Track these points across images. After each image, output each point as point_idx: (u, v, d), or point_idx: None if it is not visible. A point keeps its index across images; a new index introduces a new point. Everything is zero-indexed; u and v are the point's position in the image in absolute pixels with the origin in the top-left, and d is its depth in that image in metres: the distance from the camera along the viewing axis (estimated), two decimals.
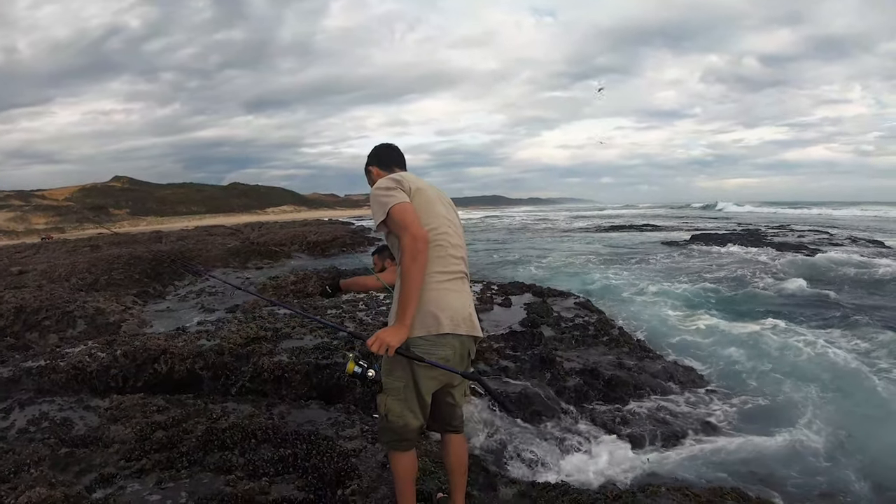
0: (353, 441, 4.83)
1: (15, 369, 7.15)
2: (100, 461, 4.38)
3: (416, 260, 2.97)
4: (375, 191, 3.23)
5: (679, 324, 10.94)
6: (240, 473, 4.17)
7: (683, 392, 7.33)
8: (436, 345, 3.11)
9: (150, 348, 7.09)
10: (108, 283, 16.26)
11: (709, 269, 17.97)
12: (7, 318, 11.81)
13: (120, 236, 39.06)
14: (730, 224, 45.47)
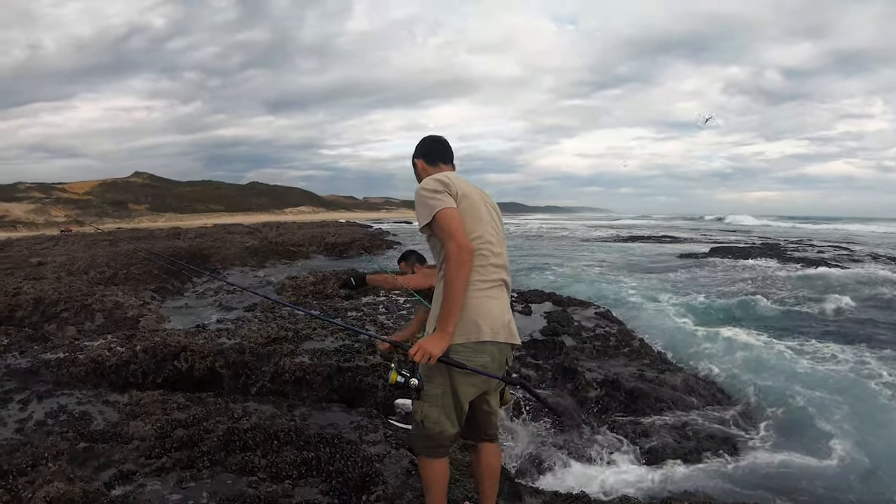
0: (377, 446, 4.72)
1: (34, 360, 7.10)
2: (119, 457, 4.29)
3: (461, 270, 2.94)
4: (422, 191, 3.17)
5: (699, 337, 10.78)
6: (262, 475, 4.08)
7: (704, 407, 7.26)
8: (476, 352, 3.06)
9: (170, 345, 7.03)
10: (127, 278, 16.26)
11: (729, 283, 17.75)
12: (26, 309, 11.82)
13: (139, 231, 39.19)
14: (749, 237, 45.08)
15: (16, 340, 8.32)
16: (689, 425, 6.62)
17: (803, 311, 13.44)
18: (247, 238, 32.75)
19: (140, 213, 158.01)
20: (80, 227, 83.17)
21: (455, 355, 3.03)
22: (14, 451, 4.34)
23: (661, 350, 9.34)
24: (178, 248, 23.28)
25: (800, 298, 14.76)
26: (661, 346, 9.88)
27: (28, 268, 18.97)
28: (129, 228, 54.64)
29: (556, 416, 6.12)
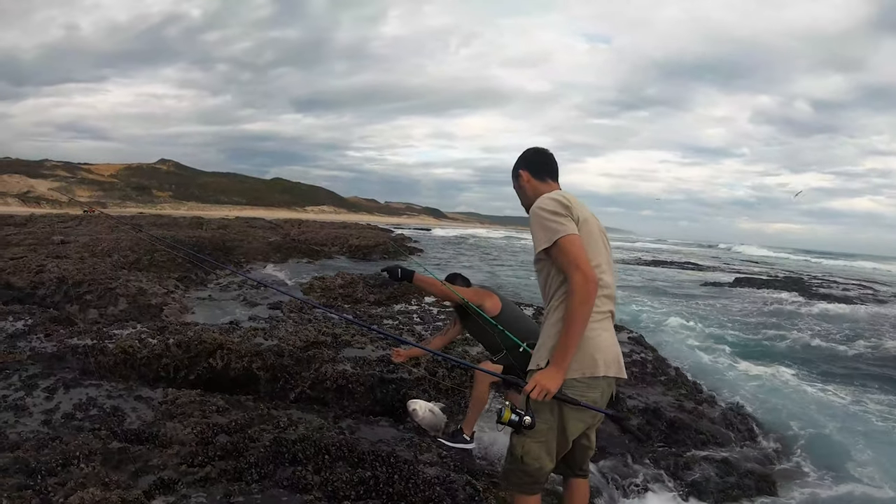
0: (434, 467, 4.38)
1: (60, 345, 6.83)
2: (158, 462, 3.94)
3: (586, 304, 2.82)
4: (540, 211, 3.02)
5: (729, 369, 10.53)
6: (318, 494, 3.72)
7: (741, 443, 6.99)
8: (589, 387, 2.96)
9: (205, 341, 6.73)
10: (150, 265, 16.06)
11: (755, 315, 17.44)
12: (48, 288, 11.60)
13: (162, 218, 39.12)
14: (772, 269, 44.69)
15: (40, 321, 8.01)
16: (727, 461, 6.33)
17: (833, 349, 13.06)
18: (269, 233, 32.61)
19: (163, 199, 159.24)
20: (103, 209, 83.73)
21: (569, 390, 2.92)
22: (42, 447, 4.02)
23: (695, 380, 9.01)
24: (201, 237, 23.10)
25: (829, 336, 14.39)
26: (690, 376, 9.57)
27: (51, 245, 18.81)
28: (151, 214, 54.56)
29: (638, 441, 6.13)
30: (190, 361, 6.55)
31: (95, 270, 12.69)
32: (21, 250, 17.06)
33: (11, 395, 5.16)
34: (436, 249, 40.23)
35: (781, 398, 8.89)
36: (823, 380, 10.07)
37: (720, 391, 9.06)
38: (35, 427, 4.55)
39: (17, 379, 5.54)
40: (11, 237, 21.14)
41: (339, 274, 14.81)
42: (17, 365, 6.00)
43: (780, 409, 8.38)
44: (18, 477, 3.57)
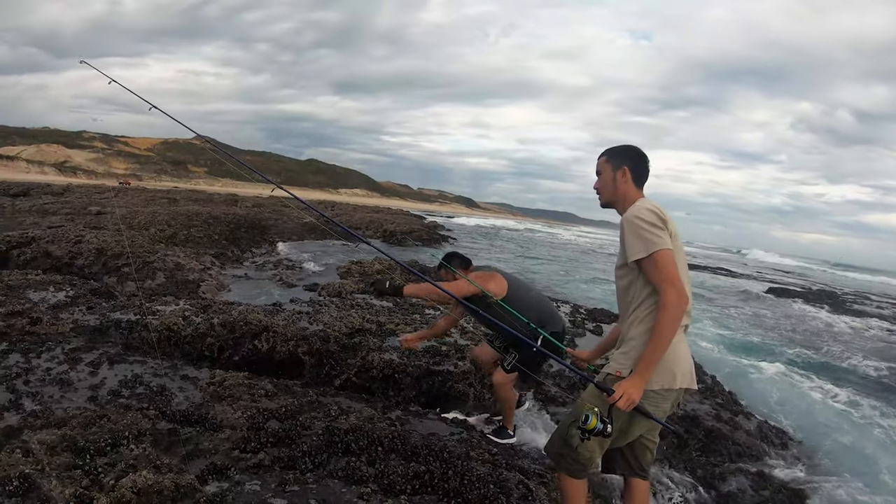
0: (486, 465, 4.25)
1: (103, 319, 6.77)
2: (209, 446, 3.82)
3: (677, 320, 2.85)
4: (639, 221, 2.98)
5: (766, 381, 10.38)
6: (373, 486, 3.60)
7: (777, 457, 6.89)
8: (664, 398, 3.03)
9: (250, 322, 6.65)
10: (187, 240, 16.13)
11: (791, 328, 17.26)
12: (87, 258, 11.63)
13: (197, 193, 39.39)
14: (806, 281, 44.34)
15: (82, 293, 7.96)
16: (763, 474, 6.29)
17: (869, 366, 12.84)
18: (304, 213, 32.72)
19: (198, 175, 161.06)
20: (139, 182, 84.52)
21: (646, 400, 2.94)
22: (89, 425, 3.89)
23: (731, 390, 8.86)
24: (237, 215, 23.16)
25: (864, 352, 14.21)
26: (728, 386, 9.43)
27: (88, 216, 18.92)
28: (186, 189, 55.09)
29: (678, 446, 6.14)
30: (235, 342, 6.47)
31: (134, 244, 12.71)
32: (59, 219, 17.20)
33: (55, 368, 5.07)
34: (468, 239, 40.17)
35: (817, 413, 8.79)
36: (860, 396, 9.86)
37: (755, 402, 8.94)
38: (81, 403, 4.45)
39: (61, 352, 5.46)
40: (49, 206, 21.33)
41: (377, 259, 14.71)
42: (59, 337, 5.95)
43: (815, 424, 8.29)
44: (67, 455, 3.46)
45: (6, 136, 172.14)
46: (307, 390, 5.33)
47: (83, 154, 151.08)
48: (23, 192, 28.03)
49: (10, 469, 3.22)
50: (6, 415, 4.05)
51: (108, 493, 3.09)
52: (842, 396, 9.71)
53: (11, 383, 4.62)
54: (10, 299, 7.05)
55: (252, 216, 24.45)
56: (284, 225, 24.99)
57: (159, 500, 3.13)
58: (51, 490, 3.10)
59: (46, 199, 25.43)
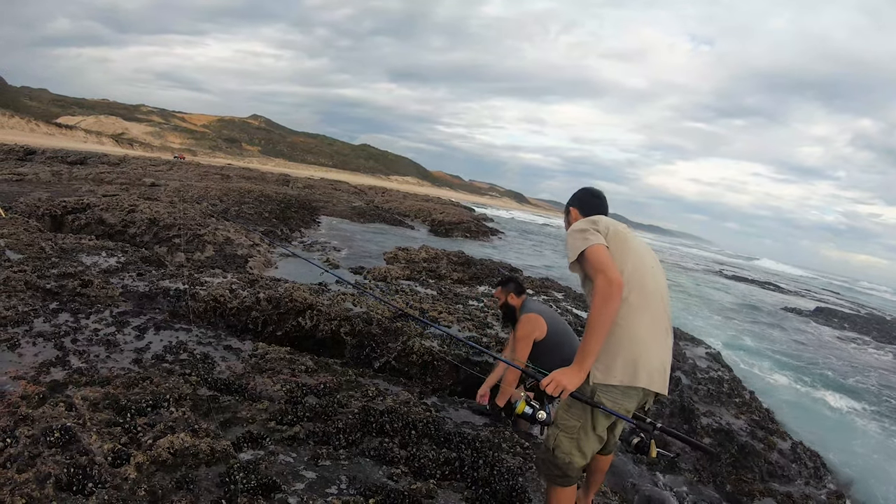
0: (517, 458, 4.25)
1: (152, 286, 6.88)
2: (246, 415, 3.88)
3: (608, 304, 2.79)
4: (571, 232, 3.14)
5: (805, 403, 10.39)
6: (404, 468, 3.64)
7: (809, 481, 6.80)
8: (625, 395, 2.94)
9: (295, 300, 6.72)
10: (238, 216, 16.30)
11: (835, 351, 16.97)
12: (139, 227, 11.83)
13: (250, 171, 39.81)
14: (853, 304, 43.42)
15: (132, 260, 8.11)
16: (793, 496, 6.29)
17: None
18: (353, 198, 32.94)
19: (252, 153, 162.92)
20: (193, 157, 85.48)
21: (604, 394, 2.93)
22: (132, 385, 3.97)
23: (768, 408, 8.73)
24: (288, 195, 23.38)
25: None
26: (766, 404, 9.30)
27: (142, 187, 19.24)
28: (240, 166, 55.74)
29: (706, 453, 5.92)
30: (279, 318, 6.54)
31: (186, 216, 12.87)
32: (114, 188, 17.49)
33: (103, 329, 5.18)
34: (514, 234, 40.09)
35: (854, 440, 8.74)
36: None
37: (791, 422, 8.80)
38: (126, 364, 4.53)
39: (109, 315, 5.59)
40: (105, 175, 21.71)
41: (423, 247, 14.73)
42: (109, 300, 6.08)
43: (851, 450, 8.24)
44: (108, 413, 3.53)
45: (66, 105, 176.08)
46: (347, 369, 5.38)
47: (140, 127, 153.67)
48: (80, 161, 28.59)
49: (53, 421, 3.31)
50: (52, 370, 4.15)
51: (145, 451, 3.16)
52: (884, 427, 9.60)
53: (60, 341, 4.73)
54: (63, 261, 7.21)
55: (303, 197, 24.67)
56: (334, 207, 25.19)
57: (194, 462, 3.18)
58: (90, 444, 3.17)
59: (102, 168, 25.90)
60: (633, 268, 3.05)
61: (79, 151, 36.49)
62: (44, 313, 5.29)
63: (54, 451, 3.07)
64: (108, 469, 2.99)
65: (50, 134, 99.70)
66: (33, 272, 6.42)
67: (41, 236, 8.62)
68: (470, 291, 10.19)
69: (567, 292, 12.49)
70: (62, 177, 20.25)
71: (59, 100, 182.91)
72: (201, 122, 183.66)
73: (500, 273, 13.39)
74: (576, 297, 11.91)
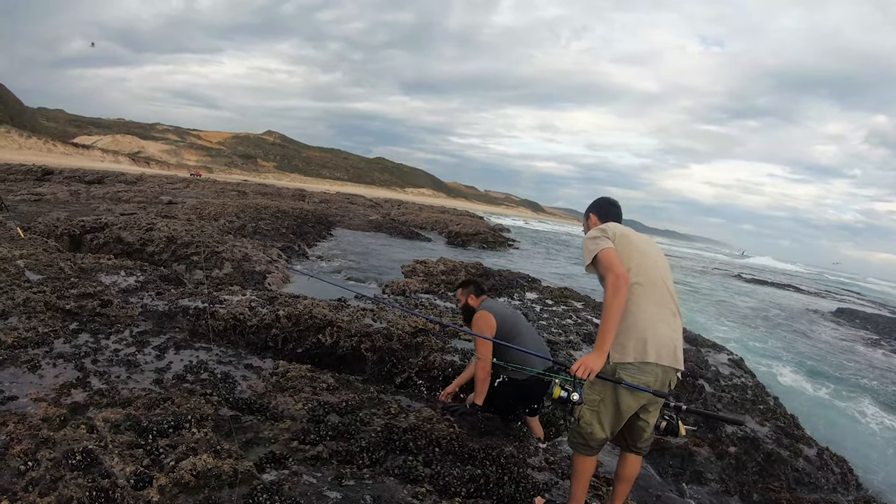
0: (542, 472, 4.26)
1: (171, 305, 6.88)
2: (269, 435, 3.85)
3: (617, 295, 3.25)
4: (585, 240, 3.60)
5: (830, 409, 10.23)
6: (428, 487, 3.61)
7: (836, 487, 6.64)
8: (641, 370, 3.35)
9: (315, 316, 6.70)
10: (255, 232, 16.35)
11: (858, 356, 16.60)
12: (157, 245, 11.84)
13: (266, 187, 39.94)
14: (873, 303, 42.96)
15: (151, 279, 8.11)
16: None
17: None
18: (369, 211, 33.00)
19: (267, 169, 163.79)
20: (209, 174, 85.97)
21: (623, 372, 3.35)
22: (153, 406, 3.95)
23: (793, 414, 8.64)
24: (304, 210, 23.45)
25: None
26: (790, 409, 9.19)
27: (159, 205, 19.34)
28: (256, 183, 56.05)
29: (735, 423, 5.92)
30: (299, 335, 6.52)
31: (203, 233, 12.91)
32: (131, 207, 17.59)
33: (123, 349, 5.18)
34: (531, 244, 40.05)
35: (879, 443, 8.74)
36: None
37: (817, 428, 8.69)
38: (146, 385, 4.52)
39: (129, 334, 5.58)
40: (122, 194, 21.83)
41: (441, 260, 14.71)
42: (128, 320, 6.07)
43: (880, 455, 8.21)
44: (130, 434, 3.51)
45: (83, 125, 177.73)
46: (368, 386, 5.34)
47: (156, 145, 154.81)
48: (97, 180, 28.77)
49: (75, 444, 3.29)
50: (73, 391, 4.14)
51: (167, 473, 3.12)
52: None
53: (80, 362, 4.72)
54: (83, 281, 7.22)
55: (319, 212, 24.74)
56: (350, 221, 25.24)
57: (217, 484, 3.14)
58: (112, 466, 3.14)
59: (120, 187, 26.07)
60: (637, 262, 3.51)
61: (96, 171, 36.74)
62: (64, 334, 5.28)
63: (76, 474, 3.05)
64: (131, 492, 2.95)
65: (67, 154, 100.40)
66: (53, 293, 6.43)
67: (60, 256, 8.65)
68: None
69: (587, 301, 12.45)
70: (80, 196, 20.39)
71: (76, 120, 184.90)
72: (216, 139, 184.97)
73: (518, 283, 13.37)
74: (595, 307, 11.87)
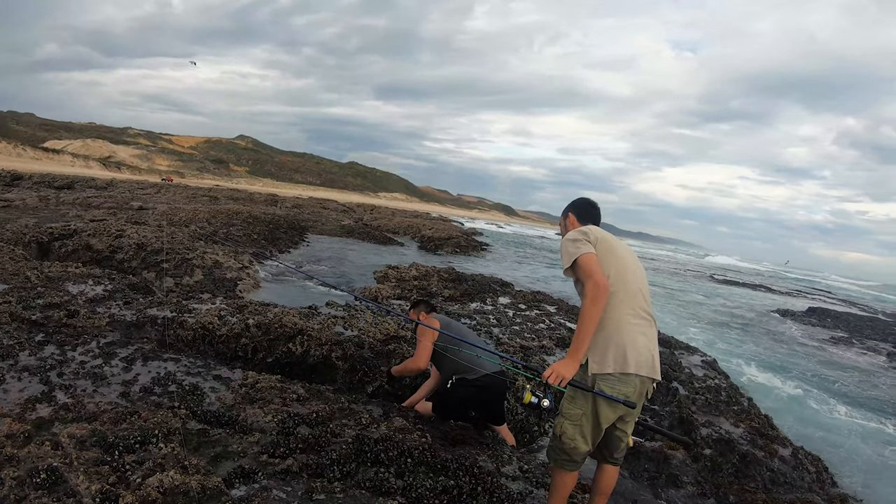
0: (517, 482, 4.25)
1: (139, 314, 6.79)
2: (238, 449, 3.80)
3: (596, 304, 3.25)
4: (565, 242, 3.58)
5: (803, 408, 10.28)
6: (401, 499, 3.57)
7: (812, 486, 6.67)
8: (621, 381, 3.35)
9: (285, 325, 6.64)
10: (227, 238, 16.21)
11: (826, 354, 16.81)
12: (127, 252, 11.74)
13: (238, 192, 39.75)
14: (846, 301, 43.49)
15: (119, 288, 8.00)
16: None
17: None
18: (342, 216, 32.93)
19: (239, 174, 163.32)
20: (181, 179, 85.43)
21: (602, 382, 3.35)
22: (120, 421, 3.89)
23: (767, 414, 8.70)
24: (277, 215, 23.35)
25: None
26: (764, 409, 9.26)
27: (130, 211, 19.17)
28: (228, 188, 55.79)
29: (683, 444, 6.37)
30: (269, 344, 6.45)
31: (174, 240, 12.79)
32: (101, 213, 17.41)
33: (90, 361, 5.11)
34: (504, 248, 40.10)
35: (852, 441, 8.74)
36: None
37: (791, 428, 8.75)
38: (113, 398, 4.45)
39: (96, 346, 5.50)
40: (92, 199, 21.64)
41: (414, 265, 14.70)
42: (95, 331, 5.98)
43: (852, 457, 8.19)
44: (95, 451, 3.45)
45: (53, 129, 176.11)
46: (339, 396, 5.28)
47: (127, 150, 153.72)
48: (67, 185, 28.52)
49: (39, 461, 3.23)
50: (38, 406, 4.08)
51: (134, 491, 3.07)
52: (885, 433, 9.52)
53: (45, 375, 4.66)
54: (49, 290, 7.12)
55: (291, 217, 24.64)
56: (323, 226, 25.16)
57: (185, 501, 3.09)
58: (77, 485, 3.09)
59: (90, 192, 25.84)
60: (616, 271, 3.50)
61: (66, 176, 36.40)
62: (29, 346, 5.19)
63: (41, 493, 2.99)
64: None
65: (37, 158, 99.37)
66: (18, 303, 6.33)
67: (27, 265, 8.54)
68: (462, 309, 10.15)
69: (560, 305, 12.49)
70: (49, 202, 20.17)
71: (47, 124, 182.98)
72: (188, 143, 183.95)
73: (490, 287, 13.37)
74: (568, 311, 11.89)
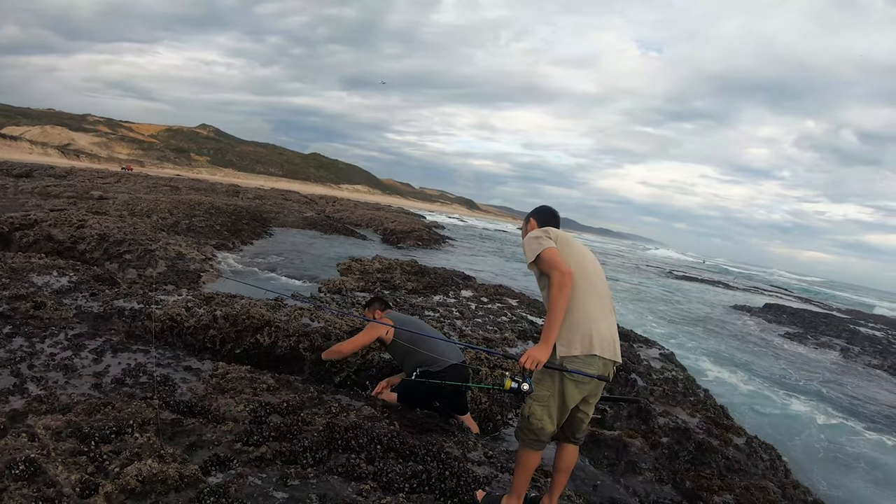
0: (482, 467, 4.41)
1: (106, 306, 6.80)
2: (212, 437, 3.88)
3: (562, 291, 3.48)
4: (528, 239, 3.85)
5: (757, 398, 10.64)
6: (372, 484, 3.70)
7: (766, 473, 6.86)
8: (586, 363, 3.56)
9: (253, 316, 6.68)
10: (189, 229, 16.15)
11: (793, 352, 17.23)
12: (89, 243, 11.63)
13: (199, 182, 39.42)
14: (802, 299, 44.27)
15: (85, 279, 7.97)
16: (751, 489, 6.22)
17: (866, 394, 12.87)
18: (304, 208, 32.81)
19: (200, 164, 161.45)
20: (141, 168, 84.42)
21: (570, 364, 3.55)
22: (94, 412, 3.94)
23: (722, 405, 8.91)
24: (239, 206, 23.22)
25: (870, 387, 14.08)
26: (720, 400, 9.50)
27: (90, 200, 18.97)
28: (189, 177, 55.25)
29: (632, 402, 7.04)
30: (237, 335, 6.50)
31: (136, 231, 12.70)
32: (61, 202, 17.24)
33: (59, 353, 5.15)
34: (465, 241, 40.23)
35: (805, 433, 9.07)
36: (849, 421, 10.08)
37: (745, 419, 9.10)
38: (85, 390, 4.51)
39: (64, 337, 5.54)
40: (52, 188, 21.37)
41: (377, 258, 14.76)
42: (63, 322, 6.00)
43: (806, 447, 8.55)
44: (72, 441, 3.51)
45: (11, 116, 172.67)
46: (308, 386, 5.36)
47: (87, 137, 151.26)
48: (26, 174, 28.15)
49: (17, 453, 3.27)
50: (11, 398, 4.12)
51: (113, 480, 3.15)
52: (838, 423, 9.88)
53: (16, 367, 4.69)
54: (14, 282, 7.09)
55: (254, 208, 24.53)
56: (286, 218, 25.07)
57: (163, 489, 3.18)
58: (56, 475, 3.15)
59: (49, 181, 25.50)
60: (576, 264, 3.72)
61: (24, 163, 35.91)
62: None
63: (21, 484, 3.05)
64: (77, 500, 2.97)
65: None
66: None
67: None
68: (425, 301, 10.25)
69: (521, 298, 12.63)
70: (7, 191, 19.93)
71: (4, 109, 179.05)
72: (149, 131, 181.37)
73: (453, 280, 13.48)
74: (530, 304, 12.04)
